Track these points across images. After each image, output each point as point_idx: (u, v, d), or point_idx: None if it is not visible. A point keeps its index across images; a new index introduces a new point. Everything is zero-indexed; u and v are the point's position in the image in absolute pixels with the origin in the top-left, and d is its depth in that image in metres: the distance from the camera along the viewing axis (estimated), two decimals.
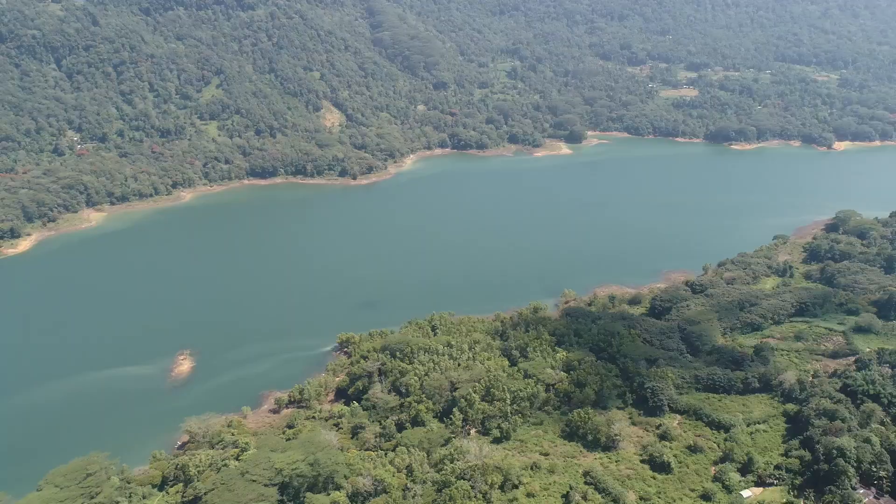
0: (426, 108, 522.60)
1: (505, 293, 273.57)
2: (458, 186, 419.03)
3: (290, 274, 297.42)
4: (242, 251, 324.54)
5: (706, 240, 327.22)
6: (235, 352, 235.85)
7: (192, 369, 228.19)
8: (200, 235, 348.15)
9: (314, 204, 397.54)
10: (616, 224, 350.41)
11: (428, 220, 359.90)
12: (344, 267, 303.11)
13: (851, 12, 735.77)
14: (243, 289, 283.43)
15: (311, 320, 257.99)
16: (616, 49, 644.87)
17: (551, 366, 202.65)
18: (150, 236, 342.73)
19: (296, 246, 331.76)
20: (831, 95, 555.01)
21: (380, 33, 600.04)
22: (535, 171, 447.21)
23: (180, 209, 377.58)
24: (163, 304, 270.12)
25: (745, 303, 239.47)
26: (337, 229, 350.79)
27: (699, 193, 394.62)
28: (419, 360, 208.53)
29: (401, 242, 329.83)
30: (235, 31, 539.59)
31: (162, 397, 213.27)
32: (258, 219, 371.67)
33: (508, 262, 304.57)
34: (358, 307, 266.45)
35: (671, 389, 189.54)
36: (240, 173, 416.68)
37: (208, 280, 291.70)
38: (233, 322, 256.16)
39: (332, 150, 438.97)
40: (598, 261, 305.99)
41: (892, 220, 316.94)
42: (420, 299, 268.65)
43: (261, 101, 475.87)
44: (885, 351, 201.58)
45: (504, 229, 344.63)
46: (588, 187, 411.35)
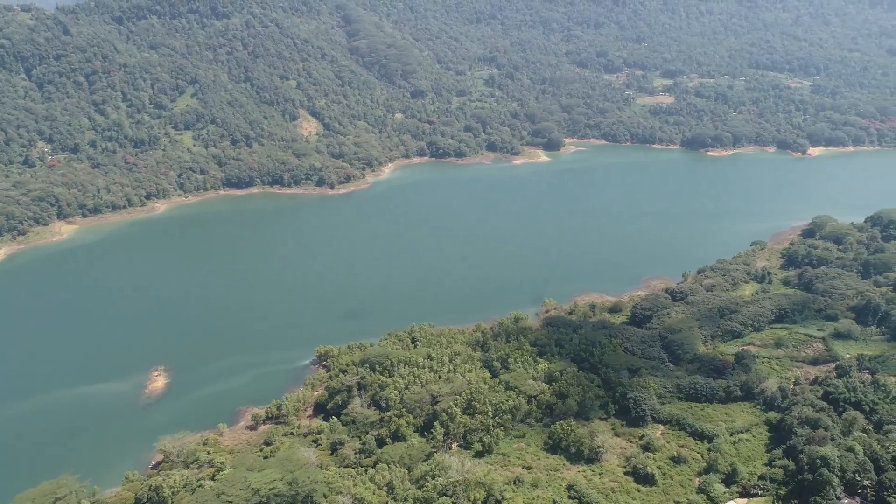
0: (404, 116, 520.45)
1: (485, 302, 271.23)
2: (437, 195, 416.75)
3: (267, 286, 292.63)
4: (218, 263, 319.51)
5: (685, 246, 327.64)
6: (211, 366, 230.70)
7: (166, 385, 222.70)
8: (175, 247, 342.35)
9: (291, 214, 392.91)
10: (595, 231, 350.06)
11: (407, 229, 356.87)
12: (322, 278, 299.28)
13: (822, 20, 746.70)
14: (219, 302, 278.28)
15: (289, 333, 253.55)
16: (592, 57, 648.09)
17: (533, 377, 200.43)
18: (123, 249, 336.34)
19: (273, 257, 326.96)
20: (804, 102, 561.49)
21: (356, 42, 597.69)
22: (514, 178, 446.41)
23: (154, 221, 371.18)
24: (136, 319, 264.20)
25: (725, 310, 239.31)
26: (315, 239, 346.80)
27: (677, 200, 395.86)
28: (399, 374, 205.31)
29: (380, 252, 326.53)
30: (210, 39, 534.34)
31: (135, 415, 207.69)
32: (234, 230, 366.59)
33: (488, 271, 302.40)
34: (337, 319, 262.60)
35: (653, 399, 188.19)
36: (215, 183, 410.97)
37: (183, 293, 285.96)
38: (209, 336, 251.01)
39: (310, 159, 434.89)
40: (578, 268, 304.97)
41: (867, 225, 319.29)
42: (400, 310, 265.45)
43: (236, 110, 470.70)
44: (864, 357, 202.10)
45: (483, 238, 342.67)
46: (567, 195, 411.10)
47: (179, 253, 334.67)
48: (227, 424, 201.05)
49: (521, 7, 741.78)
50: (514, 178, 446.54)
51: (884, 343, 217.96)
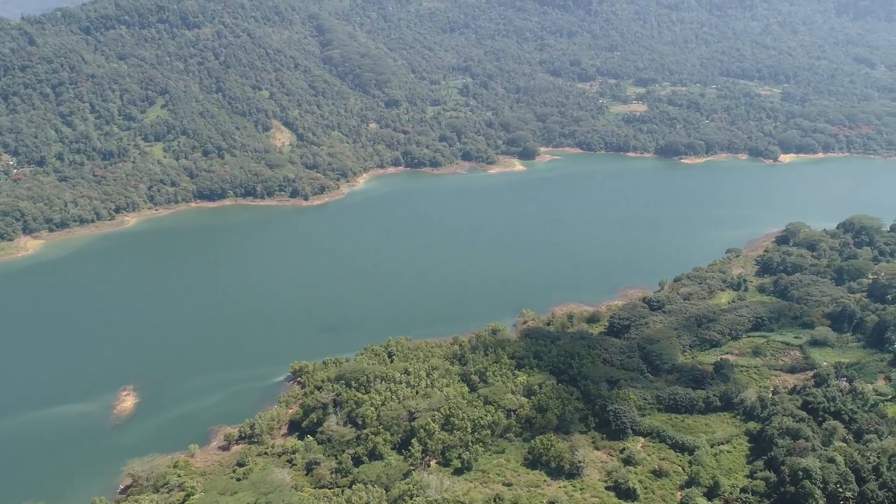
0: (378, 126, 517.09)
1: (462, 314, 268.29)
2: (413, 205, 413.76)
3: (240, 300, 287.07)
4: (190, 277, 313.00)
5: (661, 254, 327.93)
6: (183, 385, 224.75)
7: (135, 405, 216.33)
8: (145, 262, 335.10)
9: (265, 226, 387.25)
10: (572, 240, 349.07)
11: (382, 240, 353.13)
12: (297, 291, 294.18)
13: (790, 28, 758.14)
14: (191, 317, 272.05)
15: (263, 348, 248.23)
16: (566, 65, 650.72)
17: (512, 391, 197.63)
18: (91, 264, 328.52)
19: (246, 270, 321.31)
20: (775, 109, 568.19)
21: (330, 51, 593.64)
22: (490, 188, 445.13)
23: (124, 234, 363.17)
24: (105, 337, 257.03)
25: (702, 319, 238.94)
26: (289, 252, 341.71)
27: (652, 208, 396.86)
28: (375, 389, 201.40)
29: (355, 264, 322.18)
30: (181, 49, 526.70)
31: (103, 437, 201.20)
32: (206, 243, 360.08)
33: (465, 282, 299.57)
34: (312, 333, 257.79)
35: (633, 411, 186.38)
36: (187, 196, 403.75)
37: (154, 309, 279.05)
38: (180, 353, 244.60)
39: (283, 170, 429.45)
40: (555, 278, 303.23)
41: (840, 231, 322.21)
42: (376, 323, 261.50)
43: (208, 121, 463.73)
44: (841, 364, 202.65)
45: (460, 248, 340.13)
46: (543, 204, 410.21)
47: (150, 267, 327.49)
48: (199, 445, 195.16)
49: (495, 16, 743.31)
50: (490, 188, 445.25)
51: (860, 350, 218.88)
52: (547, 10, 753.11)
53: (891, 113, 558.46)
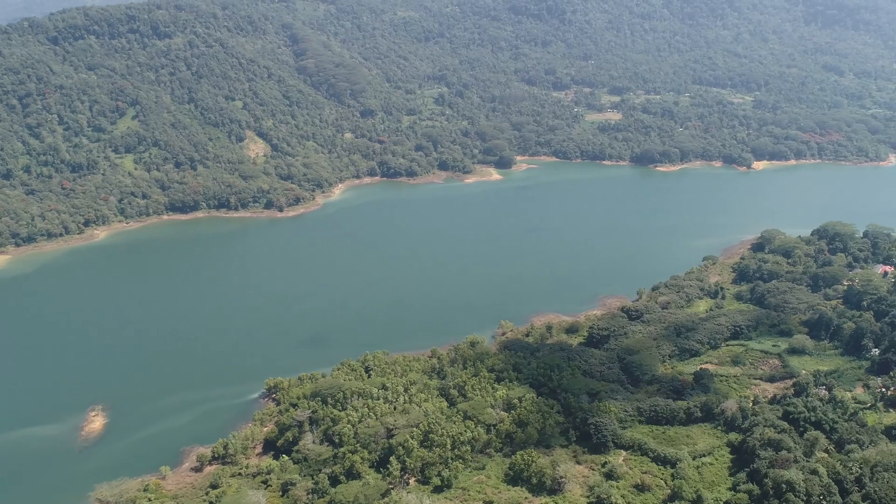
0: (354, 136, 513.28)
1: (441, 326, 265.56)
2: (389, 216, 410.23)
3: (214, 315, 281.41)
4: (162, 292, 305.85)
5: (638, 263, 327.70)
6: (154, 404, 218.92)
7: (104, 426, 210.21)
8: (116, 277, 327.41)
9: (239, 239, 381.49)
10: (550, 249, 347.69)
11: (358, 251, 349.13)
12: (272, 305, 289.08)
13: (761, 37, 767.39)
14: (163, 334, 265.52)
15: (237, 365, 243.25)
16: (541, 74, 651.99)
17: (491, 405, 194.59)
18: (59, 280, 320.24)
19: (220, 284, 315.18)
20: (748, 117, 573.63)
21: (304, 61, 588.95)
22: (467, 197, 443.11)
23: (93, 249, 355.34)
24: (72, 355, 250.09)
25: (681, 328, 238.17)
26: (264, 265, 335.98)
27: (629, 216, 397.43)
28: (352, 406, 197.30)
29: (331, 277, 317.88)
30: (151, 60, 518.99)
31: (70, 460, 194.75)
32: (179, 256, 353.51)
33: (443, 293, 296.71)
34: (288, 348, 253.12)
35: (614, 424, 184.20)
36: (158, 208, 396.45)
37: (125, 325, 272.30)
38: (152, 370, 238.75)
39: (257, 181, 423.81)
40: (533, 288, 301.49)
41: (814, 238, 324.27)
42: (353, 337, 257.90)
43: (180, 132, 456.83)
44: (820, 373, 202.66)
45: (437, 259, 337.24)
46: (520, 213, 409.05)
47: (120, 282, 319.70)
48: (171, 467, 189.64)
49: (469, 26, 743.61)
50: (467, 197, 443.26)
51: (837, 357, 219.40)
52: (521, 20, 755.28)
53: (860, 120, 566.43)
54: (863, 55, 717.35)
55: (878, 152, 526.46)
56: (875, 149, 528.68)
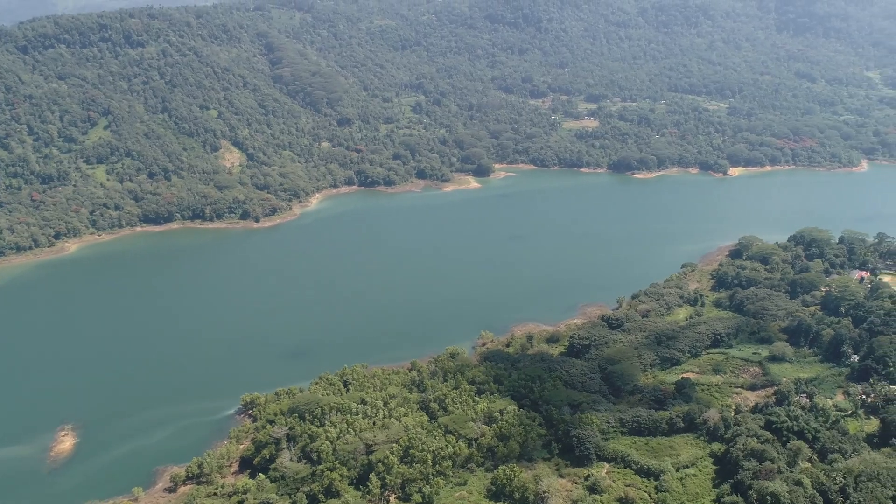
0: (331, 144, 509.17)
1: (421, 337, 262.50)
2: (368, 225, 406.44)
3: (189, 329, 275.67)
4: (135, 306, 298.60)
5: (618, 271, 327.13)
6: (126, 422, 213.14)
7: (74, 446, 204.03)
8: (87, 290, 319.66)
9: (215, 250, 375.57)
10: (529, 258, 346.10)
11: (336, 262, 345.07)
12: (248, 318, 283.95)
13: (734, 45, 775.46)
14: (136, 349, 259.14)
15: (213, 380, 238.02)
16: (518, 82, 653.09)
17: (472, 418, 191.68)
18: (28, 294, 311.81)
19: (195, 297, 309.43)
20: (723, 123, 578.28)
21: (280, 69, 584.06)
22: (445, 206, 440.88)
23: (64, 262, 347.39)
24: (41, 372, 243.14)
25: (662, 336, 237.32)
26: (240, 277, 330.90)
27: (607, 223, 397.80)
28: (331, 422, 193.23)
29: (308, 288, 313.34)
30: (124, 69, 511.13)
31: (38, 483, 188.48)
32: (153, 269, 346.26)
33: (423, 303, 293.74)
34: (265, 362, 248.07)
35: (597, 436, 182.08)
36: (131, 220, 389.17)
37: (96, 341, 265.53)
38: (124, 388, 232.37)
39: (233, 191, 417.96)
40: (513, 297, 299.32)
41: (791, 244, 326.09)
42: (332, 349, 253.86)
43: (153, 142, 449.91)
44: (801, 380, 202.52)
45: (417, 269, 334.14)
46: (499, 221, 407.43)
47: (92, 296, 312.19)
48: (143, 488, 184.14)
49: (446, 34, 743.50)
50: (446, 206, 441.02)
51: (817, 364, 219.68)
52: (497, 28, 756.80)
53: (832, 126, 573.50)
54: (834, 62, 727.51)
55: (850, 158, 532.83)
56: (848, 154, 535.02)
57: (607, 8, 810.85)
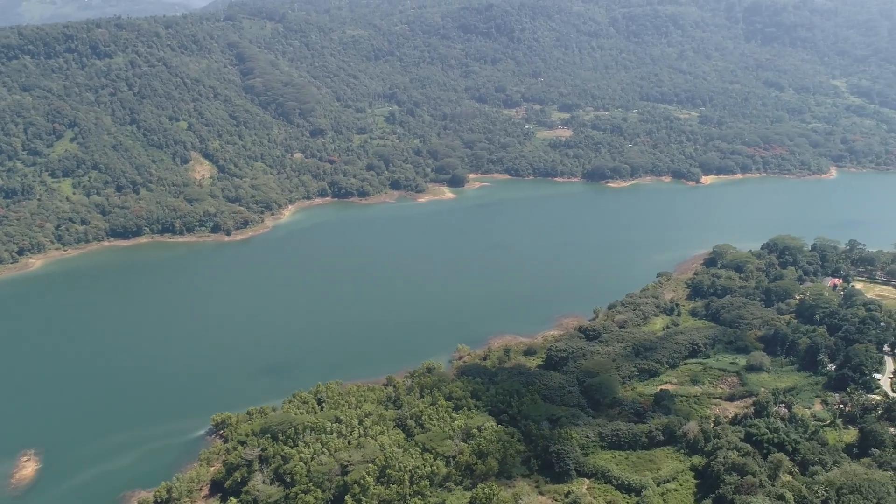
0: (303, 156, 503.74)
1: (397, 351, 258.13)
2: (341, 237, 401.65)
3: (158, 346, 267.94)
4: (102, 324, 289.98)
5: (594, 280, 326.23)
6: (92, 446, 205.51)
7: (37, 472, 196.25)
8: (52, 307, 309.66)
9: (185, 264, 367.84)
10: (505, 269, 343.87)
11: (310, 275, 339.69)
12: (219, 334, 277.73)
13: (704, 54, 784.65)
14: (103, 368, 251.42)
15: (183, 399, 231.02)
16: (491, 92, 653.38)
17: (450, 435, 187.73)
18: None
19: (164, 313, 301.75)
20: (694, 132, 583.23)
21: (251, 80, 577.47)
22: (420, 217, 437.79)
23: (28, 279, 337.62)
24: (1, 394, 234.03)
25: (640, 347, 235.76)
26: (210, 292, 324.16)
27: (582, 233, 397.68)
28: (304, 442, 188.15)
29: (281, 303, 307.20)
30: (91, 80, 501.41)
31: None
32: (121, 285, 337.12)
33: (398, 316, 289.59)
34: (237, 380, 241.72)
35: (577, 451, 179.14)
36: (99, 234, 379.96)
37: (61, 360, 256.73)
38: (90, 410, 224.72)
39: (203, 204, 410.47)
40: (489, 309, 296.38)
41: (765, 252, 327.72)
42: (305, 365, 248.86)
43: (121, 154, 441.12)
44: (779, 390, 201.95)
45: (391, 281, 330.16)
46: (474, 232, 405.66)
47: (57, 314, 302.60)
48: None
49: (419, 44, 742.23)
50: (420, 217, 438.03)
51: (794, 373, 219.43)
52: (471, 38, 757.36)
53: (801, 134, 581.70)
54: (801, 71, 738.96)
55: (819, 165, 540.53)
56: (817, 162, 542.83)
57: (578, 18, 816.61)
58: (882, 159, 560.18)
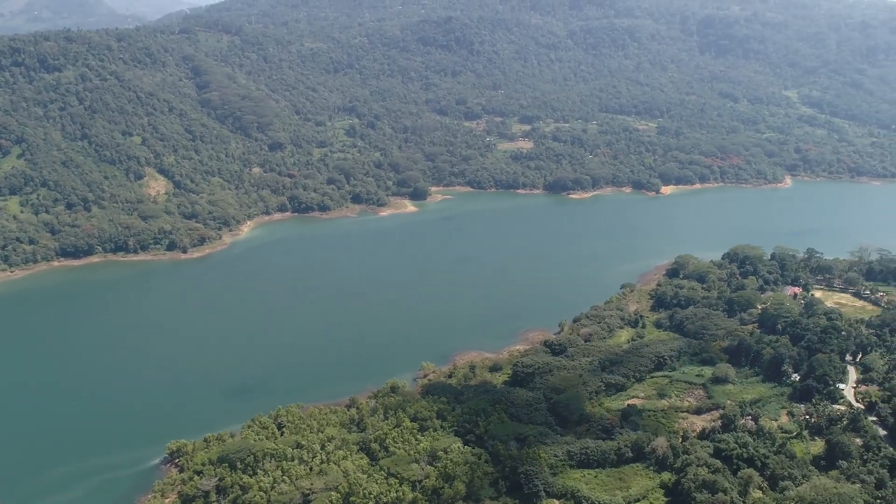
0: (262, 170, 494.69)
1: (360, 370, 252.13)
2: (302, 253, 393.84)
3: (109, 370, 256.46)
4: (50, 347, 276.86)
5: (558, 293, 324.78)
6: (39, 479, 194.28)
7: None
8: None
9: (139, 284, 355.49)
10: (468, 283, 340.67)
11: (270, 293, 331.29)
12: (174, 357, 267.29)
13: (661, 66, 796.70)
14: (51, 394, 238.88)
15: (136, 426, 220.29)
16: (452, 104, 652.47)
17: (415, 459, 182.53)
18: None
19: (117, 336, 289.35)
20: (653, 143, 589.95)
21: (207, 94, 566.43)
22: (382, 231, 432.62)
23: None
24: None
25: (606, 362, 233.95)
26: (165, 312, 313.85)
27: (546, 245, 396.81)
28: (264, 470, 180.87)
29: (239, 322, 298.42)
30: (39, 94, 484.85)
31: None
32: (71, 306, 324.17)
33: (361, 334, 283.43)
34: (193, 404, 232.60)
35: (545, 471, 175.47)
36: (48, 254, 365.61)
37: (4, 388, 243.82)
38: (37, 440, 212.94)
39: (158, 221, 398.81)
40: (454, 324, 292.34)
41: (725, 262, 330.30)
42: (265, 388, 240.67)
43: (72, 170, 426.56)
44: (745, 403, 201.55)
45: (354, 297, 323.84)
46: (437, 245, 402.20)
47: (1, 338, 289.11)
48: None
49: (379, 56, 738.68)
50: (382, 231, 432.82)
51: (760, 384, 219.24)
52: (430, 50, 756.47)
53: (756, 144, 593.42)
54: (754, 82, 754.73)
55: (775, 174, 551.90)
56: (772, 171, 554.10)
57: (537, 31, 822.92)
58: (834, 168, 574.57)
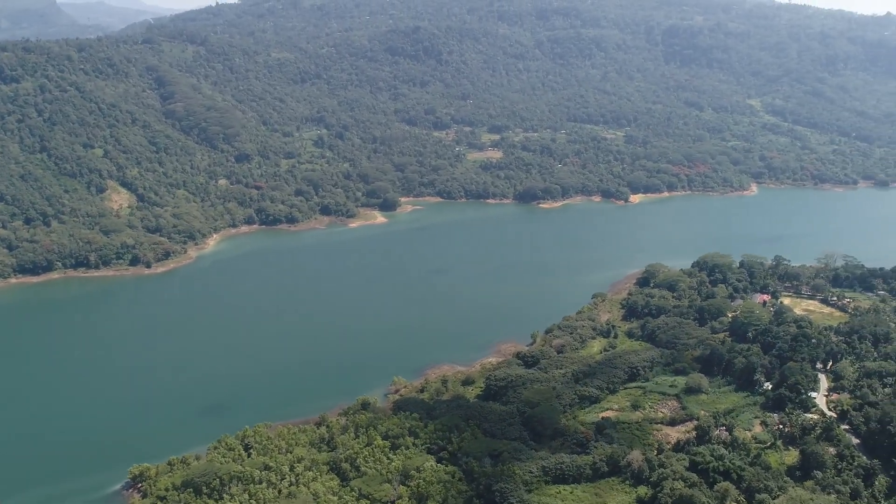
0: (228, 182, 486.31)
1: (330, 386, 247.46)
2: (269, 266, 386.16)
3: (68, 391, 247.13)
4: (5, 368, 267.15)
5: (529, 304, 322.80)
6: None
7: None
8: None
9: (100, 300, 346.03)
10: (439, 295, 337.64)
11: (237, 308, 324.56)
12: (138, 376, 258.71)
13: (627, 76, 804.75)
14: (6, 418, 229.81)
15: (98, 449, 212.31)
16: (421, 114, 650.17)
17: (388, 479, 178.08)
18: None
19: (77, 354, 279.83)
20: (621, 152, 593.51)
21: (172, 105, 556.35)
22: (351, 242, 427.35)
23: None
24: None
25: (579, 374, 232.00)
26: (128, 329, 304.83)
27: (517, 255, 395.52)
28: (230, 494, 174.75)
29: (205, 339, 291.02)
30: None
31: None
32: (28, 325, 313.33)
33: (331, 349, 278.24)
34: (157, 424, 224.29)
35: (520, 489, 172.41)
36: (4, 271, 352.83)
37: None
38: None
39: (121, 235, 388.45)
40: (426, 337, 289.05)
41: (695, 270, 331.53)
42: (231, 406, 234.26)
43: (30, 184, 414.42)
44: (719, 413, 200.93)
45: (323, 311, 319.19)
46: (407, 257, 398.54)
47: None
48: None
49: (346, 66, 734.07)
50: (352, 243, 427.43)
51: (732, 394, 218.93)
52: (398, 60, 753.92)
53: (722, 152, 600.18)
54: (719, 91, 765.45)
55: (741, 182, 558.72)
56: (738, 179, 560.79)
57: (505, 41, 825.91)
58: (798, 175, 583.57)
